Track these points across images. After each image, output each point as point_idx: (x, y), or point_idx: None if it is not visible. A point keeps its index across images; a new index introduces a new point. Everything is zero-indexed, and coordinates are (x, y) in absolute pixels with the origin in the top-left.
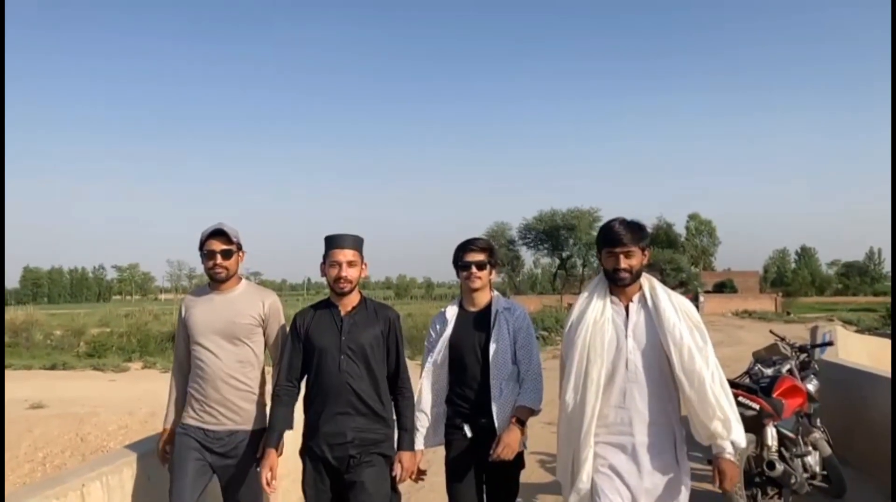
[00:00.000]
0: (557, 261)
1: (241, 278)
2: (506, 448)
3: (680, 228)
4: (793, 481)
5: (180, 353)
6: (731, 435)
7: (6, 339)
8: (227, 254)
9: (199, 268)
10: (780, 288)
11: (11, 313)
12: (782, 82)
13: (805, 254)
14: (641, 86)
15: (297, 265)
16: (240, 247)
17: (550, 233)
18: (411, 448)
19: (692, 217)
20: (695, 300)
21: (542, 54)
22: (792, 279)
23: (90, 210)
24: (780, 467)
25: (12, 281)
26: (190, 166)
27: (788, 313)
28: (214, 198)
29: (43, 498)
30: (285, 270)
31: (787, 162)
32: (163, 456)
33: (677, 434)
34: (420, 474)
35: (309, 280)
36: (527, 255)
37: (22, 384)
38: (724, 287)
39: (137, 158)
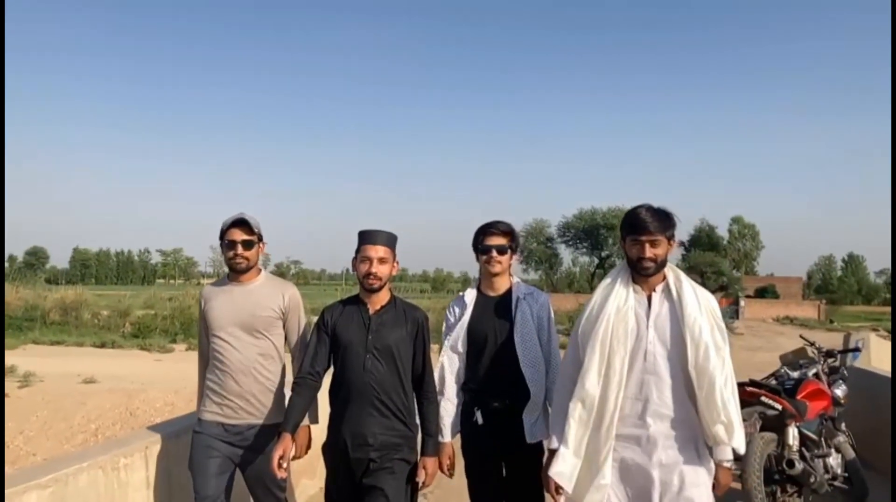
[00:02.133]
0: (596, 261)
1: (260, 269)
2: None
3: (722, 231)
4: (812, 480)
5: (204, 347)
6: (733, 440)
7: (57, 317)
8: (248, 245)
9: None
10: (824, 295)
11: (62, 292)
12: (834, 84)
13: (852, 262)
14: (685, 83)
15: (337, 255)
16: (261, 238)
17: (590, 231)
18: (435, 453)
19: (735, 220)
20: (735, 304)
21: (583, 48)
22: (837, 286)
23: (138, 195)
24: (799, 466)
25: (62, 261)
26: (235, 154)
27: (832, 321)
28: (257, 187)
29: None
30: (324, 260)
31: (837, 166)
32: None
33: (698, 429)
34: (451, 468)
35: (347, 271)
36: (565, 253)
37: (75, 360)
38: (765, 292)
39: (186, 146)
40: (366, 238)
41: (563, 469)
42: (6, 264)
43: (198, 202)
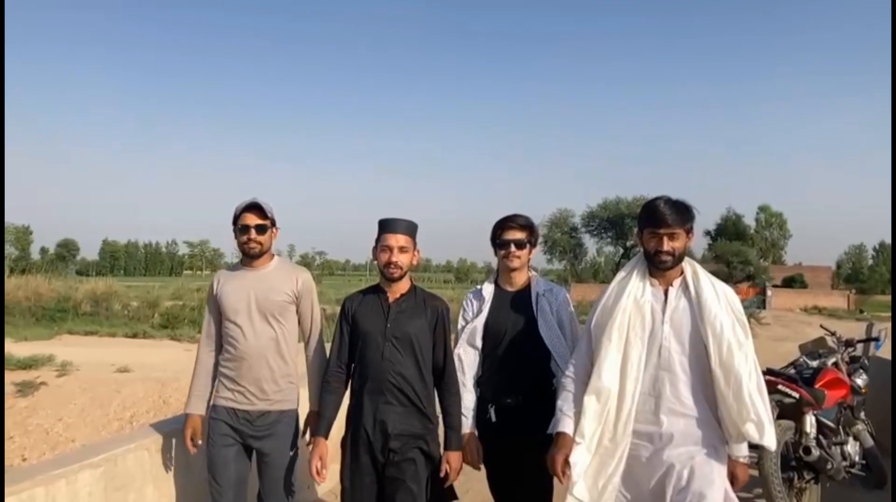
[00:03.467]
0: (621, 250)
1: (273, 255)
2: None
3: (749, 220)
4: (829, 467)
5: (210, 329)
6: (764, 438)
7: (88, 308)
8: (261, 230)
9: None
10: (854, 285)
11: (93, 283)
12: (862, 67)
13: (883, 251)
14: (712, 71)
15: (361, 245)
16: (274, 223)
17: (615, 221)
18: (459, 447)
19: (762, 209)
20: (762, 294)
21: (608, 37)
22: (868, 276)
23: (166, 187)
24: (815, 453)
25: (92, 252)
26: (260, 147)
27: (861, 311)
28: (282, 179)
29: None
30: (349, 250)
31: (868, 152)
32: (190, 444)
33: (714, 428)
34: (477, 463)
35: (372, 261)
36: (590, 243)
37: (108, 349)
38: (793, 282)
39: (212, 139)
40: (386, 227)
41: (577, 459)
42: (38, 256)
43: (224, 194)
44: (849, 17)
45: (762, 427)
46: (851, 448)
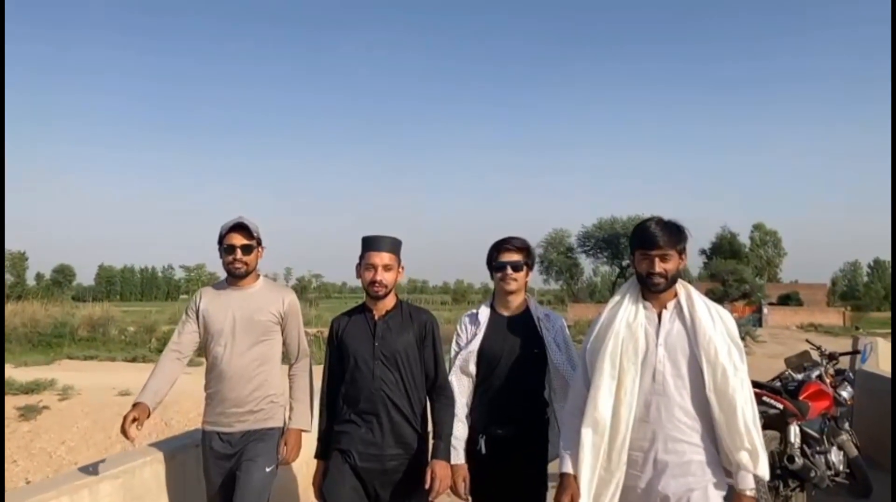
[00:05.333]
0: (617, 270)
1: (259, 275)
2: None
3: (744, 238)
4: (813, 475)
5: (179, 339)
6: (758, 468)
7: (85, 333)
8: (247, 250)
9: (263, 269)
10: (850, 301)
11: (89, 309)
12: (854, 91)
13: (879, 268)
14: (705, 91)
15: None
16: (260, 243)
17: (610, 240)
18: (446, 458)
19: (757, 227)
20: (758, 312)
21: (602, 58)
22: (864, 293)
23: (161, 212)
24: (799, 461)
25: (88, 278)
26: (255, 170)
27: (857, 328)
28: (278, 202)
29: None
30: (345, 272)
31: (861, 170)
32: (130, 427)
33: (711, 454)
34: (467, 491)
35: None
36: (586, 263)
37: (108, 374)
38: (789, 299)
39: (207, 162)
40: (369, 245)
41: (581, 497)
42: (34, 282)
43: (219, 218)
44: (846, 38)
45: (756, 456)
46: (835, 457)
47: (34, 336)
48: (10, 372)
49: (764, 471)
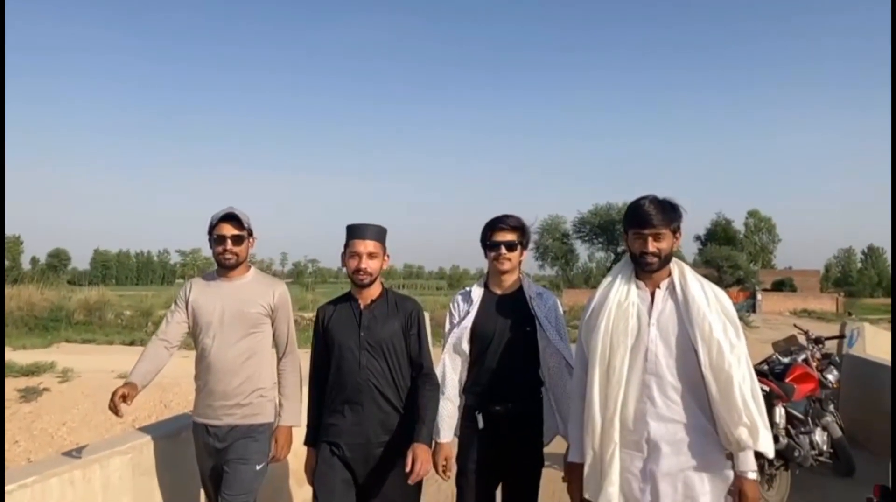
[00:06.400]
0: (612, 256)
1: (249, 266)
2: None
3: (739, 225)
4: (796, 455)
5: (167, 329)
6: (758, 443)
7: (82, 317)
8: (237, 240)
9: (259, 255)
10: (843, 288)
11: (85, 293)
12: (851, 78)
13: (872, 254)
14: (701, 78)
15: None
16: (251, 233)
17: (606, 226)
18: (428, 441)
19: (751, 214)
20: (752, 298)
21: (597, 45)
22: (857, 279)
23: (156, 196)
24: (783, 441)
25: (83, 262)
26: (252, 154)
27: (850, 314)
28: (273, 187)
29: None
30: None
31: (856, 157)
32: (116, 406)
33: (708, 434)
34: (447, 470)
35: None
36: (581, 249)
37: (106, 357)
38: (782, 285)
39: (204, 146)
40: (354, 232)
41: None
42: (29, 266)
43: (215, 202)
44: (841, 25)
45: (756, 431)
46: (819, 437)
47: (31, 320)
48: (10, 355)
49: (766, 447)
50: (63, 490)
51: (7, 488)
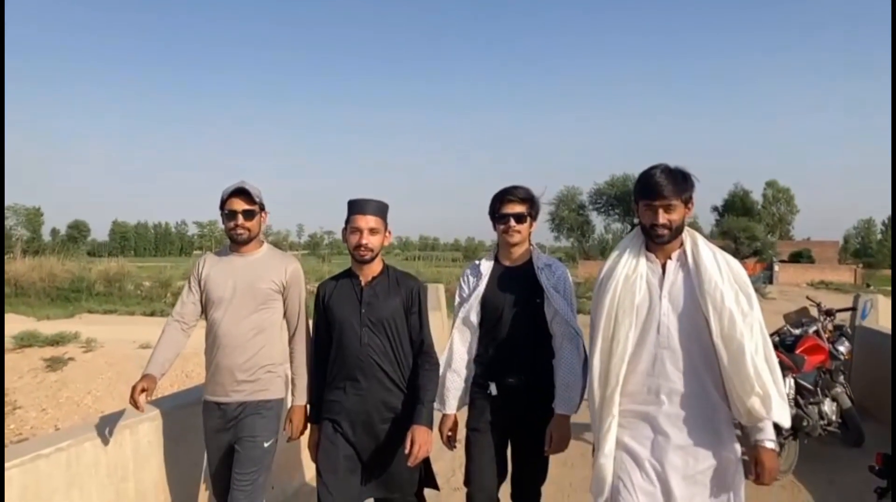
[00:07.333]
0: (629, 227)
1: (262, 241)
2: (559, 443)
3: (757, 196)
4: (805, 424)
5: (183, 309)
6: (772, 413)
7: (102, 288)
8: (249, 215)
9: (276, 226)
10: (862, 259)
11: (105, 264)
12: (875, 46)
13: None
14: (719, 45)
15: None
16: (262, 208)
17: (622, 197)
18: (427, 423)
19: (770, 184)
20: (769, 269)
21: (612, 12)
22: (877, 250)
23: (175, 167)
24: (792, 411)
25: (102, 234)
26: (268, 126)
27: (868, 285)
28: (291, 158)
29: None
30: None
31: (877, 126)
32: (139, 398)
33: (720, 409)
34: (452, 440)
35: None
36: (597, 220)
37: (128, 327)
38: (800, 257)
39: (221, 119)
40: (355, 208)
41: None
42: (49, 238)
43: (234, 174)
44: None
45: (768, 400)
46: (828, 408)
47: (53, 290)
48: (35, 325)
49: (780, 417)
50: (97, 454)
51: (45, 451)
